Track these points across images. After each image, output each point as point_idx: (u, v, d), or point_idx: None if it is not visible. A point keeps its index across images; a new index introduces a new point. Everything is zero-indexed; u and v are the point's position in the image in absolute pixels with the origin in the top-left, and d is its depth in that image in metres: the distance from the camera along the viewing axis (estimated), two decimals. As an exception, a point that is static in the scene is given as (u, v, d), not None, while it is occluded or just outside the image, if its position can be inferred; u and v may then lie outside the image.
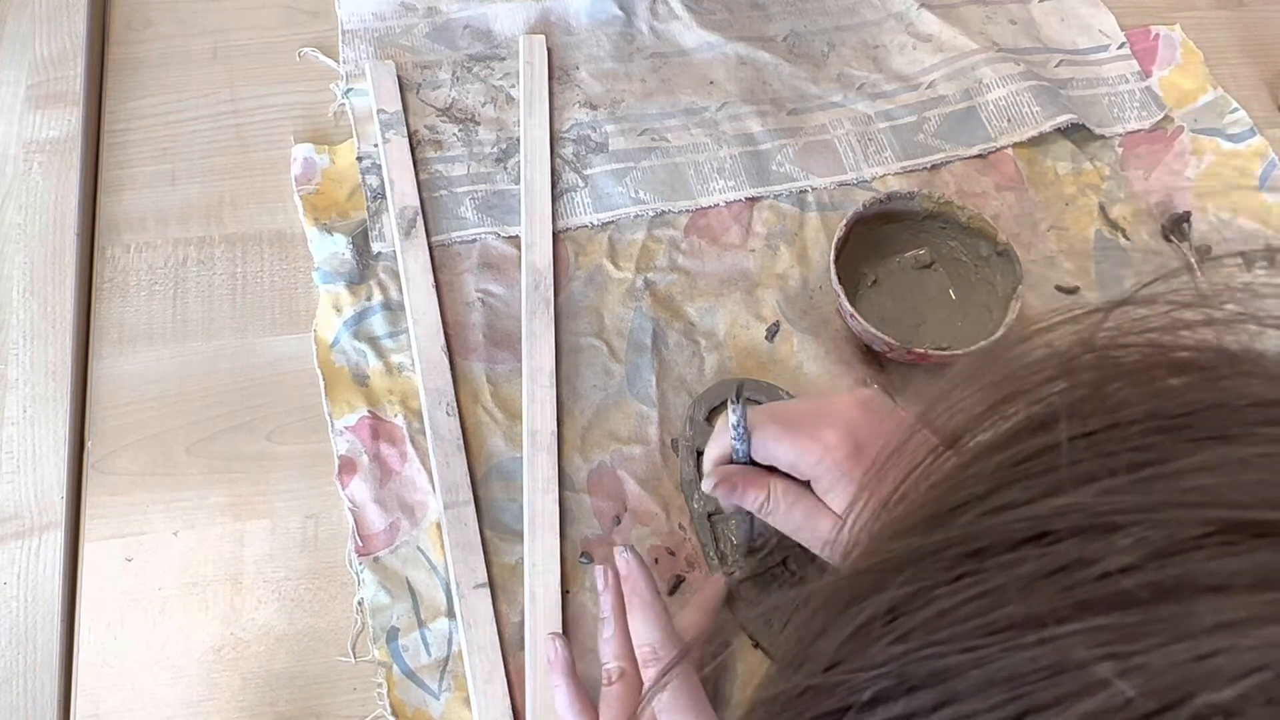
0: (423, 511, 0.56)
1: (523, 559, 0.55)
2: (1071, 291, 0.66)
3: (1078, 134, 0.72)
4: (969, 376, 0.22)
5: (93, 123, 0.68)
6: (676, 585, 0.55)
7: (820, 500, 0.46)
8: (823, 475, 0.45)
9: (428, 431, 0.58)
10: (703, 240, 0.66)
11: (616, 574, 0.50)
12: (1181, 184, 0.71)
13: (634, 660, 0.49)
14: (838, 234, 0.60)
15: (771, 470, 0.47)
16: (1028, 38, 0.77)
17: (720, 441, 0.49)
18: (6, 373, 0.59)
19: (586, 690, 0.50)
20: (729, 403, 0.46)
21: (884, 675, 0.18)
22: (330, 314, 0.62)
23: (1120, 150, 0.72)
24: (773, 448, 0.46)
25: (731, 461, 0.48)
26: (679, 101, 0.72)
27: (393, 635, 0.53)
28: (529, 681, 0.52)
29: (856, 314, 0.58)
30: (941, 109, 0.72)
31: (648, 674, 0.47)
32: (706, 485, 0.49)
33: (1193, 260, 0.67)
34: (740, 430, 0.46)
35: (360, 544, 0.55)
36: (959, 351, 0.58)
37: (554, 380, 0.60)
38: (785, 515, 0.47)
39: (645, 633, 0.48)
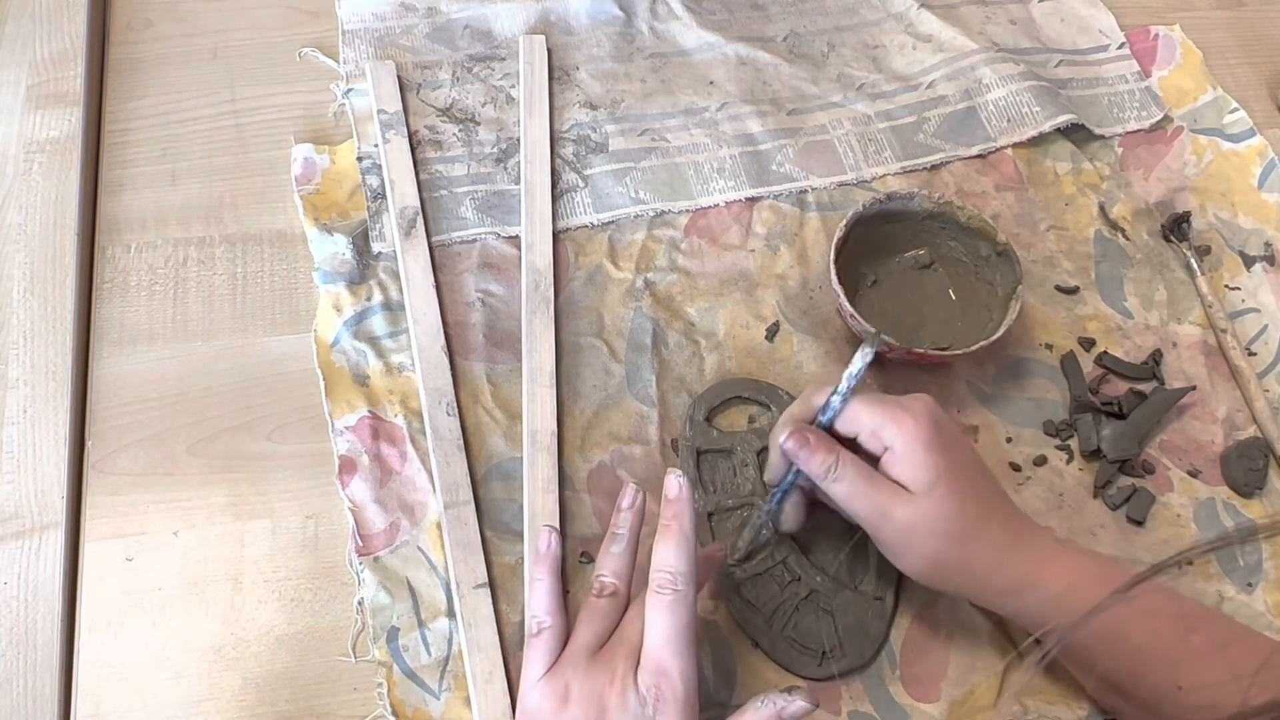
0: (423, 511, 0.56)
1: (523, 559, 0.55)
2: (1072, 291, 0.66)
3: (1078, 134, 0.72)
4: None
5: (93, 123, 0.68)
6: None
7: (885, 477, 0.48)
8: (901, 446, 0.48)
9: (428, 431, 0.58)
10: (703, 240, 0.66)
11: (645, 498, 0.51)
12: (1181, 184, 0.71)
13: (628, 582, 0.49)
14: (838, 234, 0.60)
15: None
16: (1028, 38, 0.77)
17: (805, 403, 0.51)
18: (6, 373, 0.59)
19: (562, 592, 0.50)
20: (862, 347, 0.48)
21: None
22: (330, 314, 0.62)
23: (1120, 150, 0.72)
24: (862, 410, 0.49)
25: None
26: (679, 101, 0.72)
27: (393, 635, 0.53)
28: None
29: (856, 314, 0.58)
30: (941, 109, 0.72)
31: (660, 599, 0.45)
32: (780, 435, 0.50)
33: (1192, 260, 0.67)
34: (858, 378, 0.48)
35: (360, 544, 0.55)
36: (959, 351, 0.58)
37: (554, 380, 0.60)
38: (849, 484, 0.48)
39: (674, 560, 0.46)
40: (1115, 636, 0.48)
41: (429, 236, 0.64)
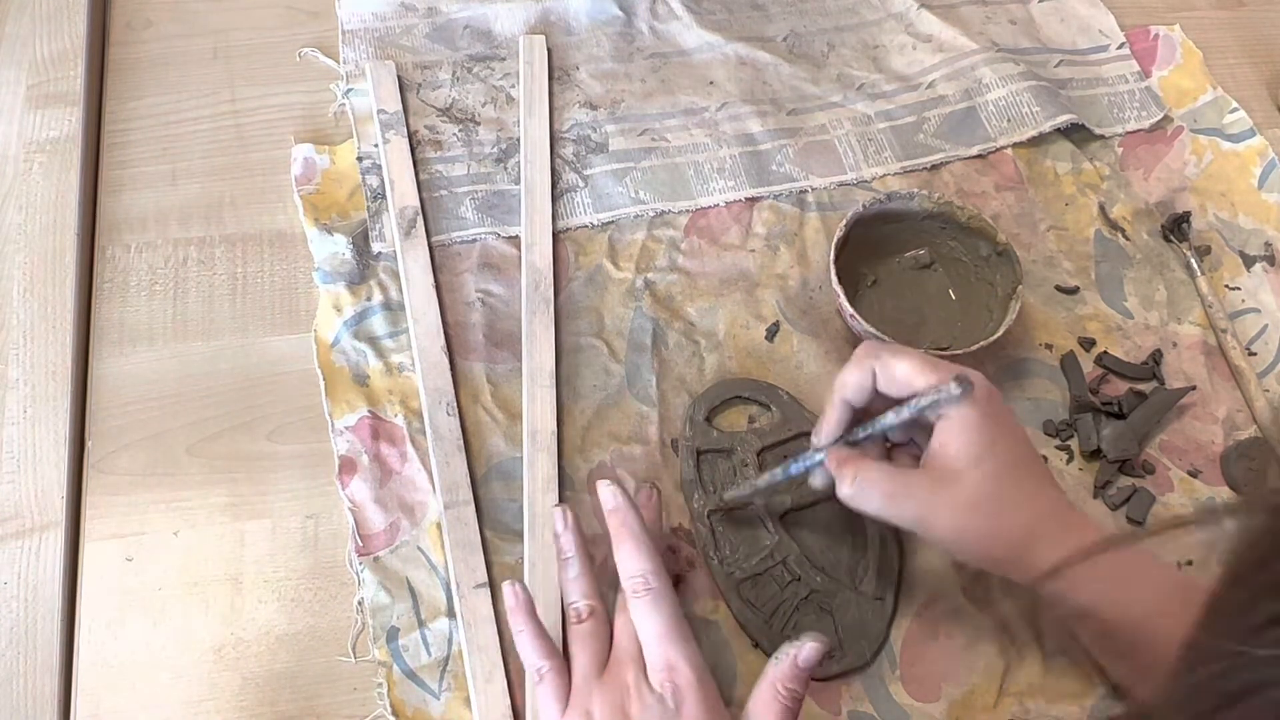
0: (423, 511, 0.56)
1: (523, 559, 0.55)
2: (1071, 292, 0.66)
3: (1078, 134, 0.72)
4: None
5: (93, 123, 0.68)
6: (675, 584, 0.55)
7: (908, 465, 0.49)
8: (957, 416, 0.46)
9: (428, 431, 0.58)
10: (703, 240, 0.66)
11: (574, 514, 0.52)
12: (1181, 184, 0.71)
13: (600, 598, 0.50)
14: (837, 234, 0.60)
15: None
16: (1027, 38, 0.77)
17: (844, 385, 0.49)
18: (6, 373, 0.59)
19: (548, 633, 0.50)
20: (946, 388, 0.46)
21: None
22: (330, 314, 0.62)
23: (1120, 150, 0.72)
24: (916, 375, 0.47)
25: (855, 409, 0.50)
26: (679, 101, 0.72)
27: (393, 635, 0.53)
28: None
29: (856, 314, 0.58)
30: (941, 109, 0.72)
31: (640, 602, 0.47)
32: (825, 460, 0.49)
33: (1192, 260, 0.67)
34: (920, 410, 0.47)
35: (360, 544, 0.55)
36: (959, 351, 0.58)
37: (554, 380, 0.60)
38: (874, 486, 0.47)
39: (636, 564, 0.48)
40: (1121, 598, 0.48)
41: (429, 236, 0.64)
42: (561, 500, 0.57)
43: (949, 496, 0.46)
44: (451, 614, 0.54)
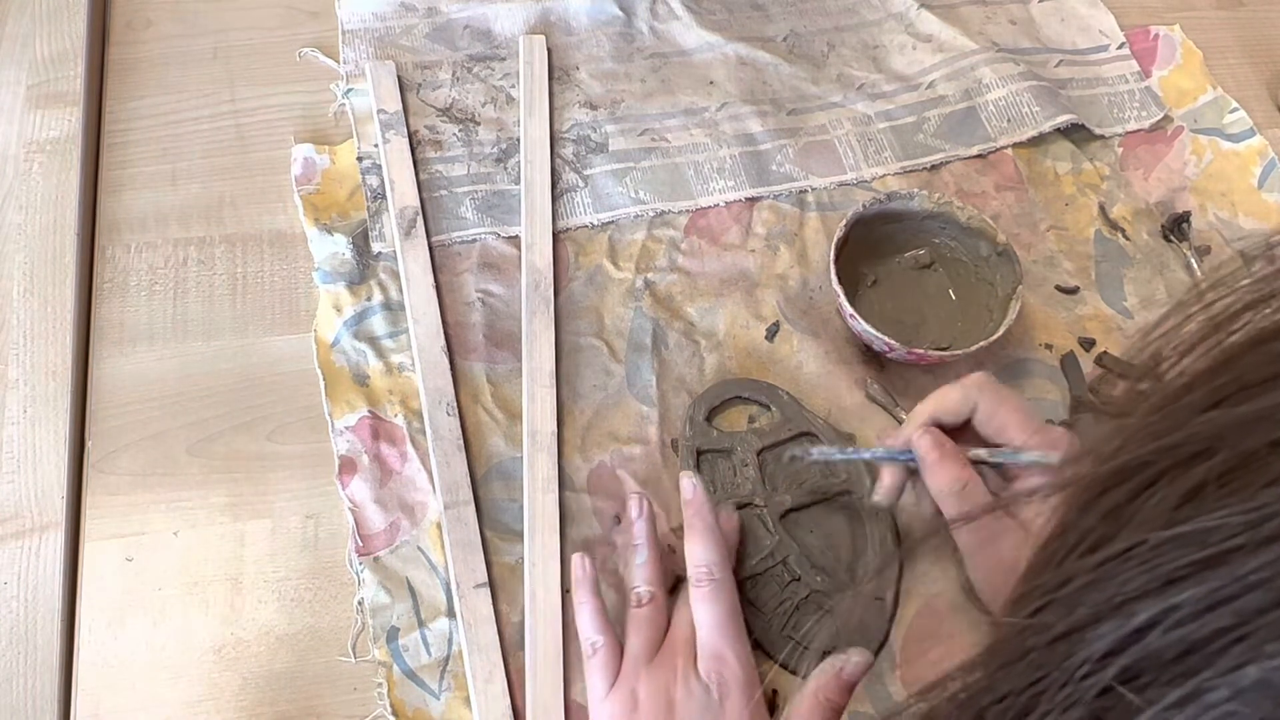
0: (423, 511, 0.56)
1: (523, 559, 0.55)
2: (1072, 291, 0.66)
3: (1077, 134, 0.72)
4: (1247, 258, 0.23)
5: (93, 123, 0.68)
6: (675, 585, 0.55)
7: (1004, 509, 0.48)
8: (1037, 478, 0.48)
9: (428, 431, 0.58)
10: (703, 240, 0.66)
11: (650, 504, 0.53)
12: (1181, 184, 0.71)
13: (663, 585, 0.51)
14: (837, 234, 0.60)
15: None
16: (1027, 38, 0.77)
17: (952, 401, 0.50)
18: (6, 373, 0.59)
19: (607, 610, 0.51)
20: (1043, 457, 0.47)
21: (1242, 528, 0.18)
22: (330, 314, 0.62)
23: (1120, 150, 0.72)
24: (1015, 430, 0.48)
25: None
26: (679, 102, 0.72)
27: (393, 635, 0.53)
28: (529, 681, 0.52)
29: (856, 314, 0.58)
30: (941, 109, 0.72)
31: (701, 591, 0.48)
32: (915, 433, 0.49)
33: (1192, 260, 0.67)
34: (1025, 463, 0.48)
35: (360, 544, 0.55)
36: (959, 351, 0.58)
37: (554, 380, 0.60)
38: (971, 509, 0.48)
39: (704, 554, 0.49)
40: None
41: (429, 236, 0.64)
42: (561, 499, 0.57)
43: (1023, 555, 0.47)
44: (451, 614, 0.54)
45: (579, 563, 0.52)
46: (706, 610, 0.48)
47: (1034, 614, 0.22)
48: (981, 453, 0.49)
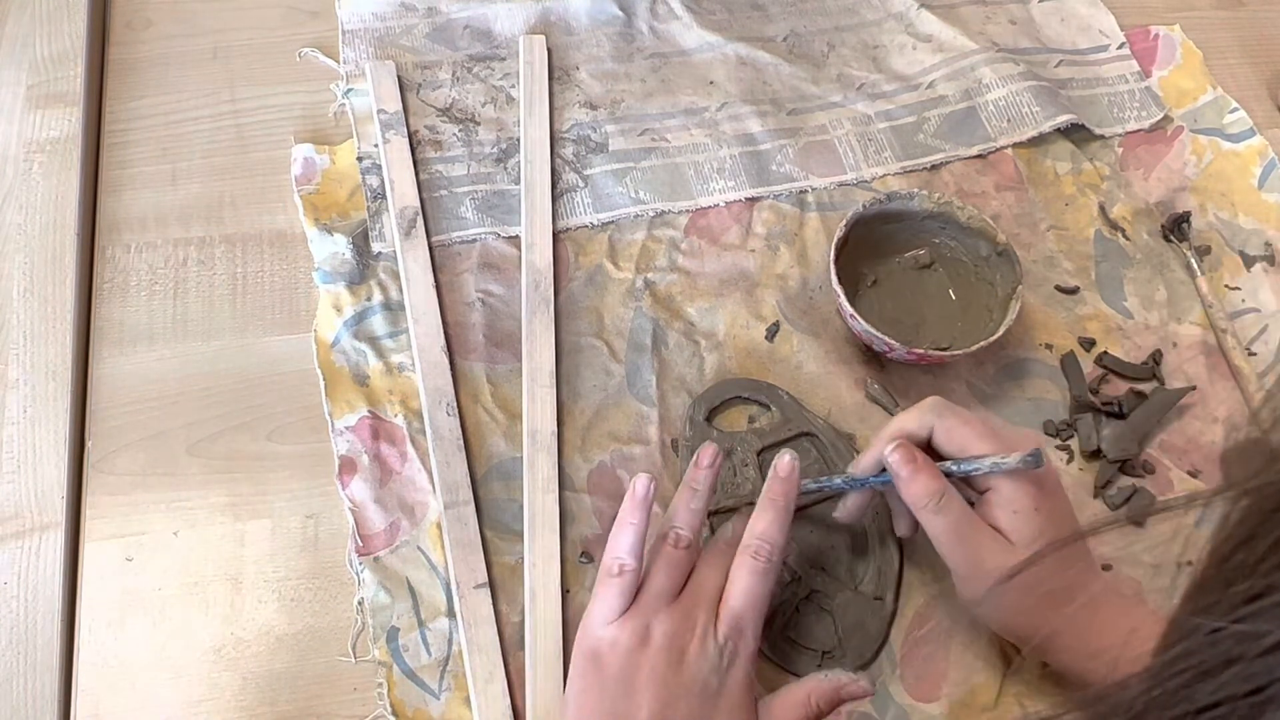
0: (423, 511, 0.56)
1: (523, 559, 0.55)
2: (1072, 291, 0.66)
3: (1078, 134, 0.72)
4: None
5: (93, 123, 0.68)
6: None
7: (981, 519, 0.48)
8: (1010, 492, 0.48)
9: (428, 431, 0.58)
10: (703, 240, 0.66)
11: (720, 455, 0.51)
12: (1181, 184, 0.71)
13: (699, 535, 0.50)
14: (838, 234, 0.60)
15: None
16: (1028, 38, 0.77)
17: (920, 418, 0.50)
18: (6, 373, 0.59)
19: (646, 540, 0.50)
20: (1025, 458, 0.47)
21: None
22: (330, 314, 0.62)
23: (1120, 150, 0.72)
24: (974, 440, 0.49)
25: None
26: (679, 101, 0.72)
27: (393, 635, 0.53)
28: (529, 681, 0.52)
29: (856, 314, 0.58)
30: (941, 109, 0.72)
31: (750, 562, 0.48)
32: (886, 448, 0.49)
33: (1192, 260, 0.67)
34: (1004, 468, 0.48)
35: (360, 544, 0.55)
36: (959, 351, 0.58)
37: (554, 380, 0.60)
38: (950, 521, 0.48)
39: (773, 532, 0.49)
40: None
41: (429, 236, 0.64)
42: (561, 499, 0.57)
43: (1005, 563, 0.47)
44: (451, 614, 0.54)
45: (644, 482, 0.49)
46: (749, 582, 0.47)
47: (1234, 623, 0.22)
48: (947, 464, 0.49)
